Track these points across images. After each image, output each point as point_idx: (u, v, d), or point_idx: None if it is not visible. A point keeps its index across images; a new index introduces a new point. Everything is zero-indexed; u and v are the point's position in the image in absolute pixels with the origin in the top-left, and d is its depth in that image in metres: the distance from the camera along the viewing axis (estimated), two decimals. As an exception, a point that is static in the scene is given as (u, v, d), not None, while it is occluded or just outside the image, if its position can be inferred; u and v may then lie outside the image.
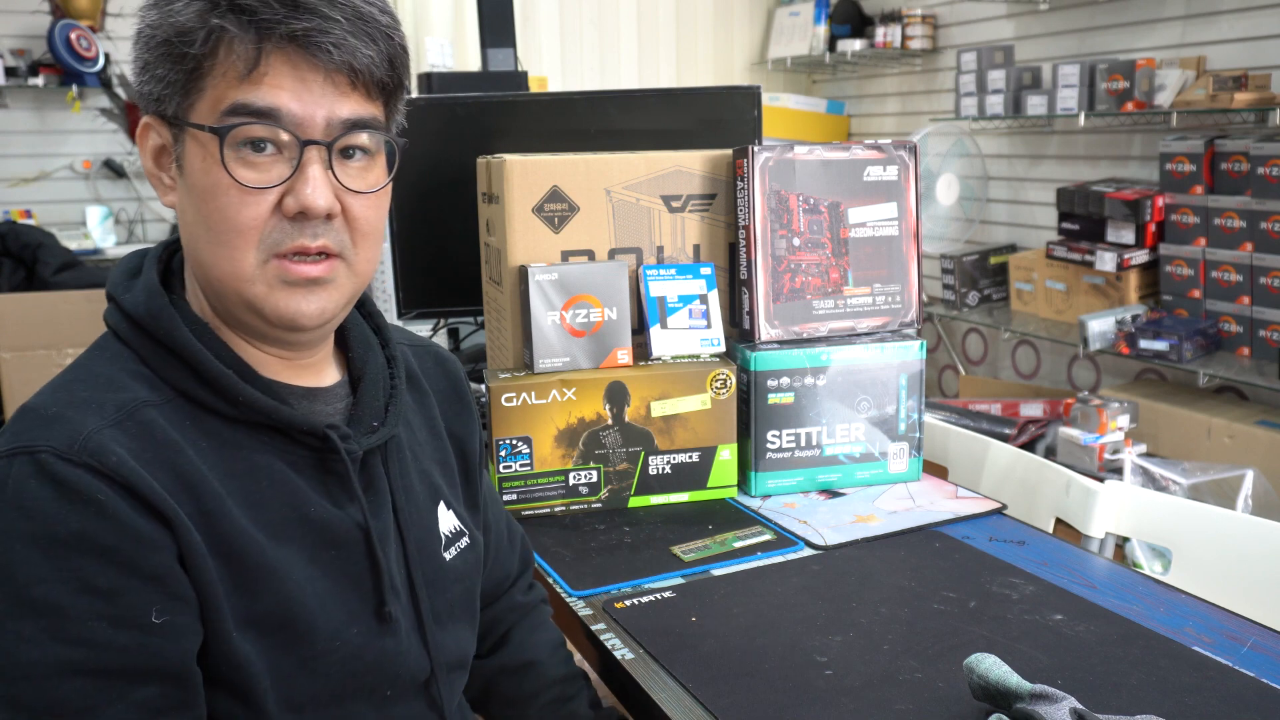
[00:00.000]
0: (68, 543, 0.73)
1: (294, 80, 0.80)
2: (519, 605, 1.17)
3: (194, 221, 0.83)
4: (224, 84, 0.79)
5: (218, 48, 0.79)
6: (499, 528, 1.15)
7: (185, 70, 0.80)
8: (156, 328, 0.83)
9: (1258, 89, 2.87)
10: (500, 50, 2.30)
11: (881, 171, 1.52)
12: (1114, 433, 2.72)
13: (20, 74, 3.89)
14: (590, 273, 1.44)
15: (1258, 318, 2.89)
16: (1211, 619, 1.10)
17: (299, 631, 0.82)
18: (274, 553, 0.81)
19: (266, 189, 0.81)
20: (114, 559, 0.74)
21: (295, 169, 0.81)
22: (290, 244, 0.82)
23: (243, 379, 0.84)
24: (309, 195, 0.81)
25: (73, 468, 0.74)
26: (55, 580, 0.72)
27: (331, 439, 0.86)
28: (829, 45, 4.49)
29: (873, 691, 0.96)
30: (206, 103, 0.80)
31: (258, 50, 0.79)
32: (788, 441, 1.48)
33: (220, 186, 0.80)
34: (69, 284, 3.47)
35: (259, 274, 0.82)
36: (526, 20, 4.48)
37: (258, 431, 0.84)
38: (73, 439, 0.75)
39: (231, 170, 0.80)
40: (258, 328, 0.86)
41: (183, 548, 0.77)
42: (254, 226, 0.81)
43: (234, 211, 0.80)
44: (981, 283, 3.80)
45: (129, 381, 0.82)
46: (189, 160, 0.82)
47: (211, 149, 0.80)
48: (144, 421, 0.79)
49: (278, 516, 0.83)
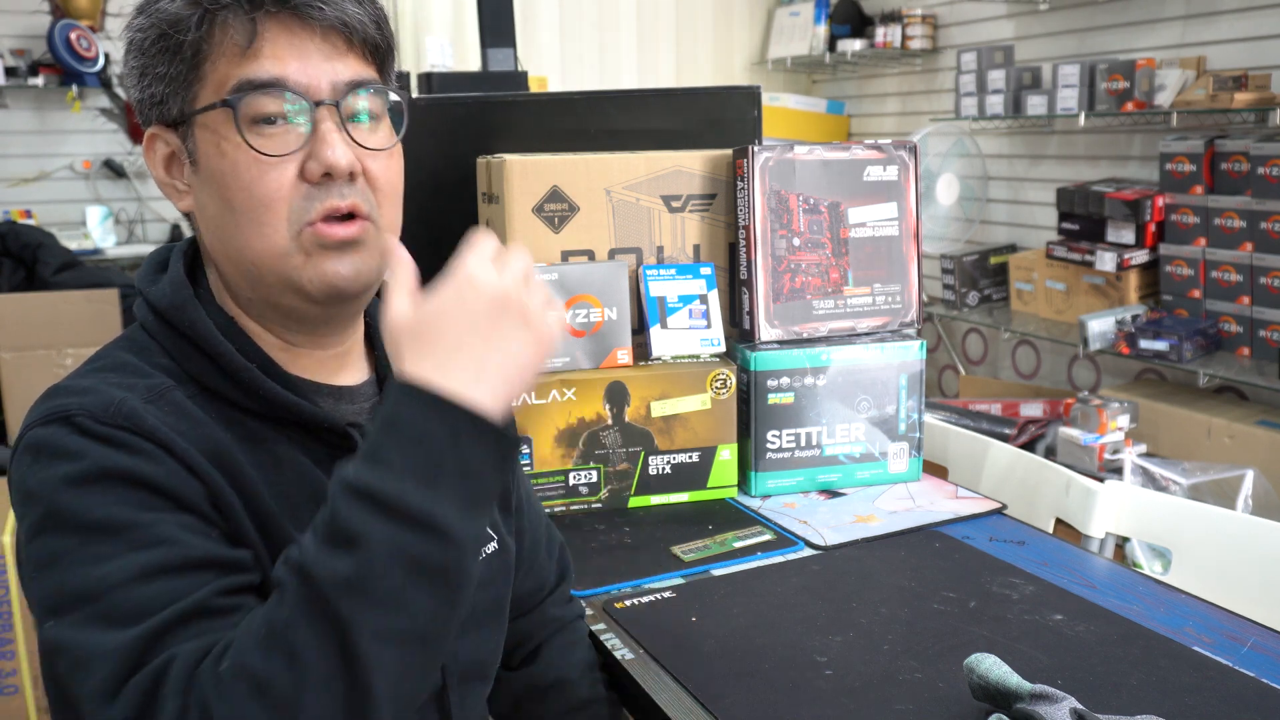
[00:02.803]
0: (116, 476, 0.73)
1: (292, 48, 0.80)
2: (553, 619, 1.13)
3: (218, 211, 0.83)
4: (225, 63, 0.80)
5: (212, 29, 0.79)
6: (535, 534, 1.12)
7: (185, 59, 0.80)
8: (181, 320, 0.83)
9: (1258, 89, 2.87)
10: (500, 50, 2.30)
11: (881, 171, 1.52)
12: (1114, 433, 2.72)
13: (20, 74, 3.89)
14: (590, 273, 1.44)
15: (1258, 318, 2.89)
16: (1211, 619, 1.10)
17: None
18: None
19: (286, 155, 0.81)
20: (165, 493, 0.74)
21: (310, 133, 0.81)
22: (319, 207, 0.81)
23: (267, 373, 0.83)
24: (330, 154, 0.81)
25: (111, 428, 0.74)
26: (114, 504, 0.73)
27: (353, 437, 0.86)
28: (829, 45, 4.49)
29: (873, 691, 0.96)
30: (210, 86, 0.80)
31: (252, 23, 0.79)
32: (788, 441, 1.48)
33: (241, 164, 0.80)
34: (69, 284, 3.47)
35: (294, 245, 0.82)
36: (526, 20, 4.48)
37: (281, 427, 0.84)
38: (107, 404, 0.75)
39: (251, 141, 0.80)
40: (296, 309, 0.85)
41: (219, 501, 0.77)
42: (281, 197, 0.81)
43: (258, 185, 0.80)
44: (981, 283, 3.80)
45: (154, 372, 0.82)
46: (202, 151, 0.82)
47: (225, 129, 0.80)
48: (175, 402, 0.80)
49: (301, 507, 0.83)
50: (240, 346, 0.84)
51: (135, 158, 4.20)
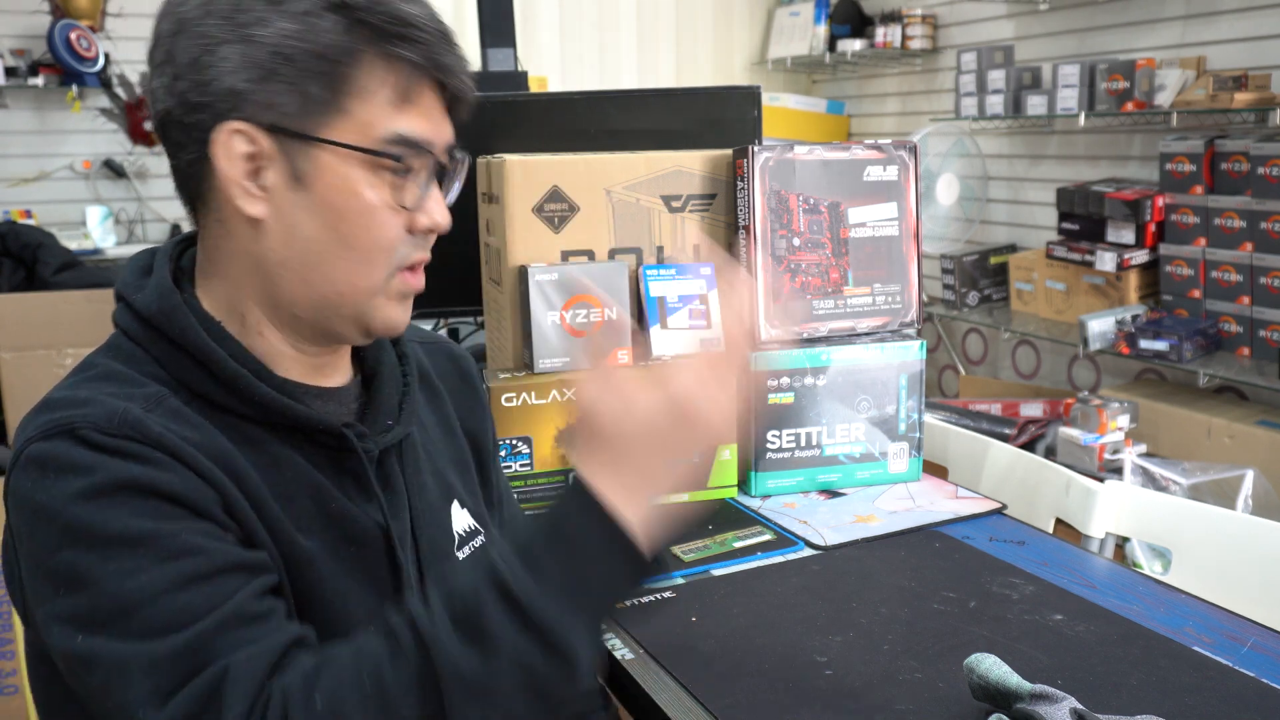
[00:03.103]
0: (131, 488, 0.73)
1: (435, 109, 0.86)
2: None
3: (318, 237, 0.83)
4: (373, 108, 0.81)
5: (374, 70, 0.81)
6: (515, 526, 1.14)
7: (330, 88, 0.80)
8: (170, 327, 0.83)
9: (1258, 89, 2.87)
10: (500, 50, 2.30)
11: (881, 171, 1.52)
12: (1114, 433, 2.72)
13: (20, 74, 3.89)
14: (590, 273, 1.44)
15: (1258, 318, 2.89)
16: (1211, 619, 1.10)
17: (321, 623, 0.82)
18: (302, 543, 0.82)
19: (410, 210, 0.85)
20: (181, 501, 0.75)
21: (424, 189, 0.85)
22: (415, 257, 0.87)
23: (258, 378, 0.84)
24: (443, 216, 0.87)
25: (117, 439, 0.74)
26: (133, 516, 0.73)
27: (348, 438, 0.86)
28: (829, 45, 4.49)
29: (873, 691, 0.96)
30: (353, 125, 0.81)
31: (408, 79, 0.82)
32: (788, 441, 1.48)
33: (372, 207, 0.83)
34: (69, 284, 3.47)
35: (383, 286, 0.86)
36: (526, 20, 4.48)
37: (275, 430, 0.85)
38: (111, 415, 0.75)
39: (388, 194, 0.83)
40: (339, 335, 0.88)
41: (231, 507, 0.78)
42: (394, 244, 0.85)
43: (381, 231, 0.84)
44: (981, 283, 3.80)
45: (146, 380, 0.82)
46: (321, 177, 0.82)
47: (360, 171, 0.82)
48: (173, 408, 0.80)
49: (302, 509, 0.84)
50: (230, 352, 0.84)
51: (135, 158, 4.20)
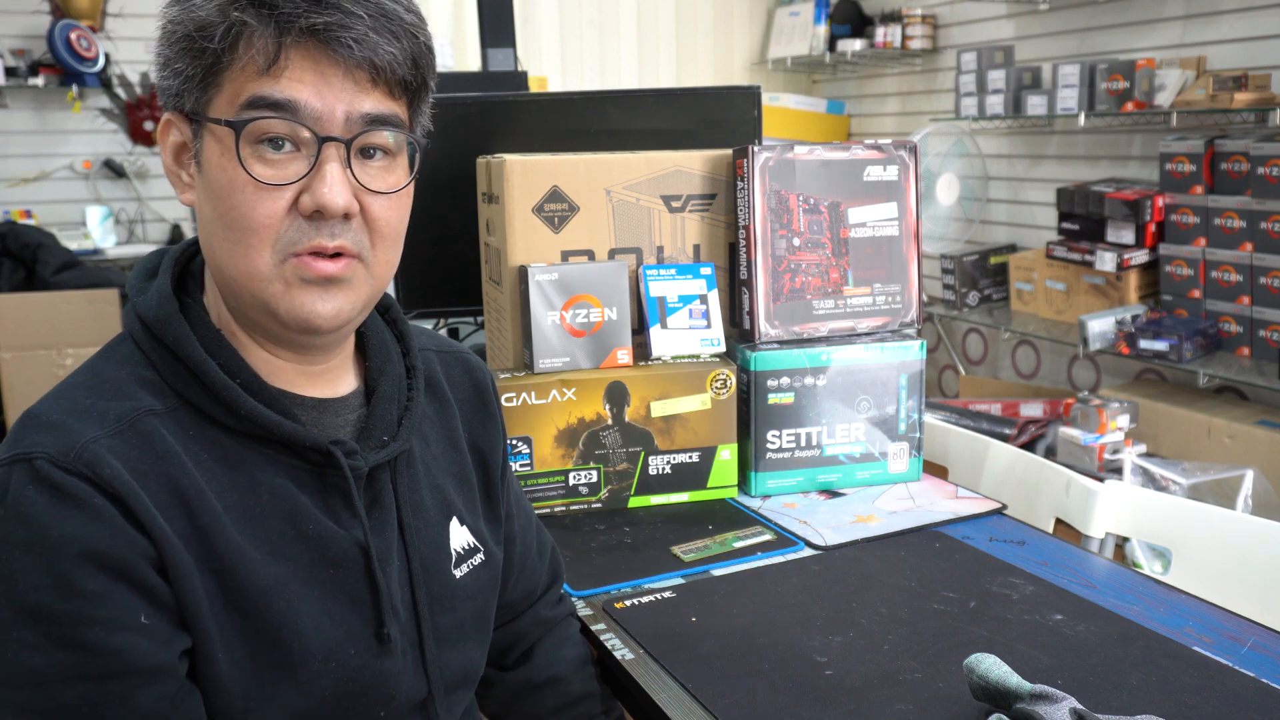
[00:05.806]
0: (59, 546, 0.73)
1: (314, 75, 0.78)
2: (545, 620, 1.13)
3: (211, 219, 0.82)
4: (243, 78, 0.78)
5: (237, 42, 0.78)
6: (526, 538, 1.11)
7: (204, 65, 0.79)
8: (165, 334, 0.82)
9: (1258, 89, 2.87)
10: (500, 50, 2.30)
11: (881, 171, 1.52)
12: (1114, 433, 2.72)
13: (20, 74, 3.89)
14: (590, 273, 1.44)
15: (1258, 318, 2.89)
16: (1211, 619, 1.10)
17: (290, 650, 0.80)
18: (269, 570, 0.80)
19: (283, 186, 0.79)
20: (104, 563, 0.74)
21: (313, 166, 0.80)
22: (307, 243, 0.80)
23: (250, 390, 0.82)
24: (326, 194, 0.79)
25: (66, 475, 0.74)
26: (47, 587, 0.72)
27: (335, 456, 0.84)
28: (829, 45, 4.49)
29: (873, 691, 0.96)
30: (225, 97, 0.79)
31: (278, 44, 0.78)
32: (788, 441, 1.48)
33: (236, 183, 0.79)
34: (69, 284, 3.48)
35: (275, 273, 0.81)
36: (526, 20, 4.49)
37: (262, 445, 0.83)
38: (69, 446, 0.75)
39: (248, 166, 0.79)
40: (273, 331, 0.85)
41: (166, 564, 0.76)
42: (269, 224, 0.79)
43: (249, 209, 0.79)
44: (981, 283, 3.80)
45: (135, 389, 0.81)
46: (207, 157, 0.81)
47: (228, 144, 0.79)
48: (144, 432, 0.79)
49: (275, 533, 0.82)
50: (225, 362, 0.83)
51: (135, 158, 4.20)
